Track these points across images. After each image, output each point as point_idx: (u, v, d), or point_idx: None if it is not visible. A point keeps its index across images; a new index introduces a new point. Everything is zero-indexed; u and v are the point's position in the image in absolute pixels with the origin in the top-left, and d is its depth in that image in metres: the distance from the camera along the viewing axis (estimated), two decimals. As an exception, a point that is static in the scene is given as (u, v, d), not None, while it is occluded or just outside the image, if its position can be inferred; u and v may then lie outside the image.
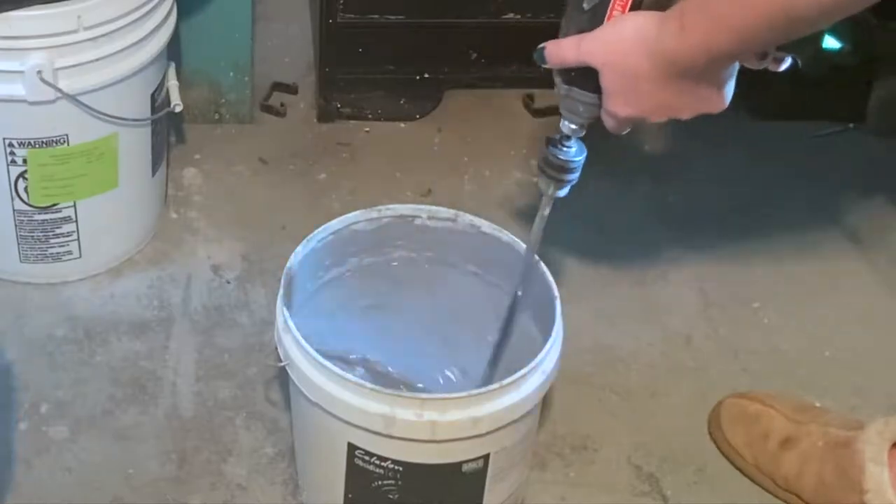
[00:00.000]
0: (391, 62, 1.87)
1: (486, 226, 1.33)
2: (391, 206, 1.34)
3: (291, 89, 1.93)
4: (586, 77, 1.12)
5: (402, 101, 1.90)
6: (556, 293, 1.25)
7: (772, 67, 1.12)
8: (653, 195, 1.80)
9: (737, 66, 1.11)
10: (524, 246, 1.30)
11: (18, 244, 1.54)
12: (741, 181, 1.83)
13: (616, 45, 1.09)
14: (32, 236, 1.53)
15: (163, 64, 1.56)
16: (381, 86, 1.88)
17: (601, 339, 1.57)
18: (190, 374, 1.48)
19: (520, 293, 1.27)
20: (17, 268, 1.56)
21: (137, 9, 1.44)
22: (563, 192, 1.22)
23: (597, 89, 1.13)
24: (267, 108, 1.89)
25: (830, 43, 1.83)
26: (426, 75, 1.89)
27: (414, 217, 1.34)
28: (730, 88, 1.12)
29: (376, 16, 1.81)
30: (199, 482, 1.36)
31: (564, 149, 1.19)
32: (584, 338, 1.55)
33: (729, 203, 1.79)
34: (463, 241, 1.34)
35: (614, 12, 1.10)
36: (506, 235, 1.32)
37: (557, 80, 1.17)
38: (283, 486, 1.37)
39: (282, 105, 1.89)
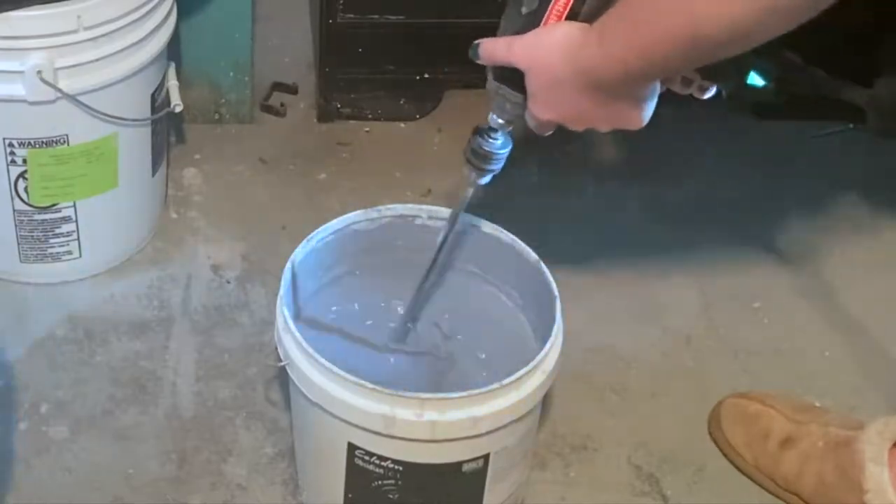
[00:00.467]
0: (391, 62, 1.87)
1: (486, 226, 1.33)
2: (391, 206, 1.34)
3: (291, 89, 1.93)
4: (515, 77, 1.16)
5: (402, 101, 1.90)
6: (556, 293, 1.25)
7: (696, 94, 1.16)
8: (653, 195, 1.80)
9: (657, 86, 1.13)
10: (524, 246, 1.31)
11: (18, 244, 1.54)
12: (741, 181, 1.83)
13: (543, 51, 1.12)
14: (32, 236, 1.53)
15: (163, 64, 1.56)
16: (381, 86, 1.88)
17: (601, 339, 1.57)
18: (190, 374, 1.48)
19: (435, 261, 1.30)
20: (17, 268, 1.56)
21: (137, 9, 1.44)
22: (484, 181, 1.26)
23: (523, 90, 1.16)
24: (267, 108, 1.89)
25: (755, 80, 1.85)
26: (426, 75, 1.89)
27: (414, 217, 1.34)
28: (649, 108, 1.14)
29: (376, 16, 1.81)
30: (199, 482, 1.36)
31: (490, 140, 1.23)
32: (584, 338, 1.55)
33: (729, 203, 1.79)
34: (463, 241, 1.34)
35: (550, 19, 1.12)
36: (506, 235, 1.32)
37: (489, 76, 1.21)
38: (283, 486, 1.37)
39: (282, 105, 1.89)
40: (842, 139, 1.92)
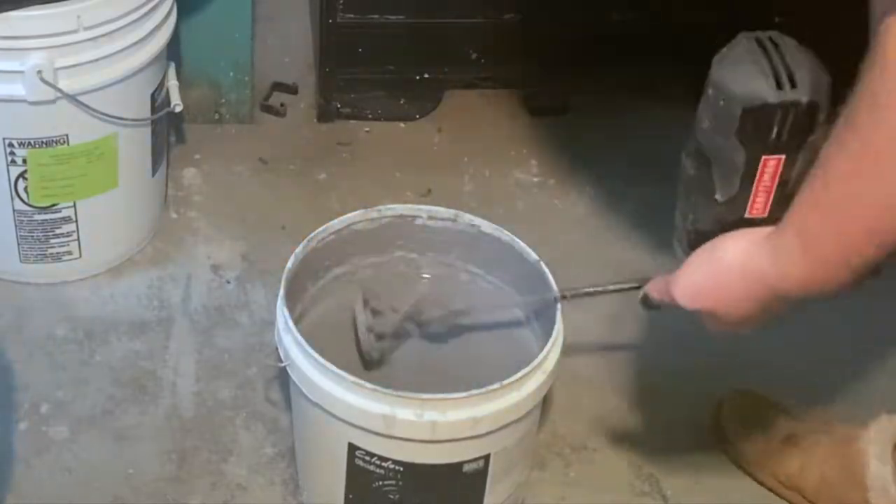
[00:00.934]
0: (391, 62, 1.87)
1: (486, 226, 1.33)
2: (391, 206, 1.34)
3: (291, 89, 1.93)
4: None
5: (402, 101, 1.90)
6: (557, 293, 1.25)
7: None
8: (653, 195, 1.80)
9: None
10: (524, 246, 1.30)
11: (18, 244, 1.54)
12: (741, 181, 1.83)
13: (724, 291, 1.02)
14: (32, 236, 1.53)
15: (163, 64, 1.56)
16: (381, 86, 1.88)
17: (601, 339, 1.57)
18: (190, 374, 1.48)
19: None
20: (17, 268, 1.56)
21: (137, 9, 1.44)
22: None
23: None
24: (267, 108, 1.89)
25: None
26: (426, 75, 1.89)
27: (414, 217, 1.34)
28: None
29: (376, 16, 1.81)
30: (199, 482, 1.37)
31: None
32: (584, 338, 1.55)
33: (729, 203, 1.79)
34: (463, 241, 1.34)
35: (755, 205, 1.01)
36: (506, 235, 1.32)
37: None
38: (283, 486, 1.37)
39: (282, 105, 1.89)
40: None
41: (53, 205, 1.52)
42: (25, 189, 1.49)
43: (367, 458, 1.18)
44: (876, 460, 1.31)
